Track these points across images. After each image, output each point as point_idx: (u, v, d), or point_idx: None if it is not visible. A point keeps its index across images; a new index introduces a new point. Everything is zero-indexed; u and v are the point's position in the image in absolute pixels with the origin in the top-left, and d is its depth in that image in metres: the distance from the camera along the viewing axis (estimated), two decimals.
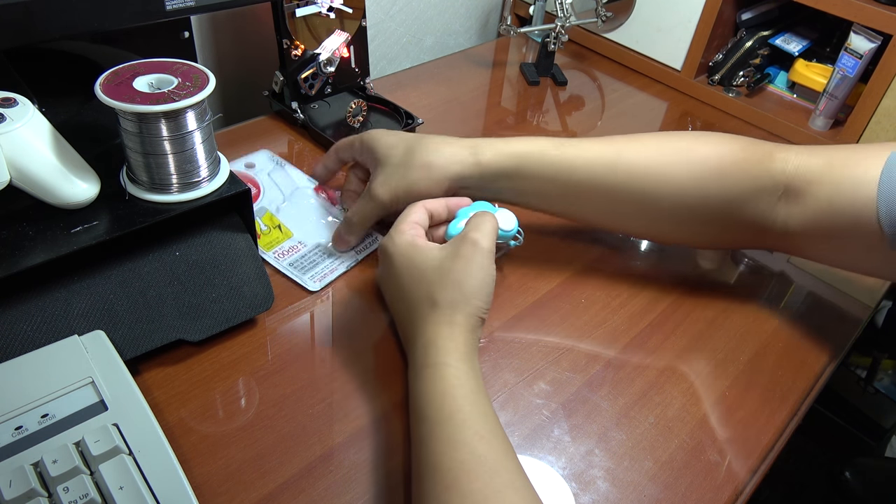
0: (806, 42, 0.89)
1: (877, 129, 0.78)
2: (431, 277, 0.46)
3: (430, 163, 0.54)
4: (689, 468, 0.45)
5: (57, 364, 0.41)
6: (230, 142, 0.72)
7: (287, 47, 0.69)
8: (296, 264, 0.57)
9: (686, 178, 0.53)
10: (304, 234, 0.60)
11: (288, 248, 0.58)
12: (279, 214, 0.61)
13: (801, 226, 0.52)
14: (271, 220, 0.60)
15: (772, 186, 0.52)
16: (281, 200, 0.63)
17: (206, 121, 0.47)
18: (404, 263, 0.48)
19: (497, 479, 0.36)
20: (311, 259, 0.57)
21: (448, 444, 0.38)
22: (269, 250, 0.57)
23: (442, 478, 0.37)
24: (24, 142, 0.42)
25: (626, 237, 0.65)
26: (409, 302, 0.47)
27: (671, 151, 0.54)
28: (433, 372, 0.42)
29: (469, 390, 0.41)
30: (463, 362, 0.43)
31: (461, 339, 0.44)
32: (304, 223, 0.61)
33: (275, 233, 0.59)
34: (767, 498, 1.08)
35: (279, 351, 0.50)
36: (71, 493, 0.35)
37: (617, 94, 0.93)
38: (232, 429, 0.44)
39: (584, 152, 0.54)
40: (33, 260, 0.42)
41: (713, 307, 0.58)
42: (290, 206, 0.62)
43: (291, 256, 0.57)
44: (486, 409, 0.41)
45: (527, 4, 0.99)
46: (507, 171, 0.55)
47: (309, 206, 0.63)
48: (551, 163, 0.54)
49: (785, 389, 0.52)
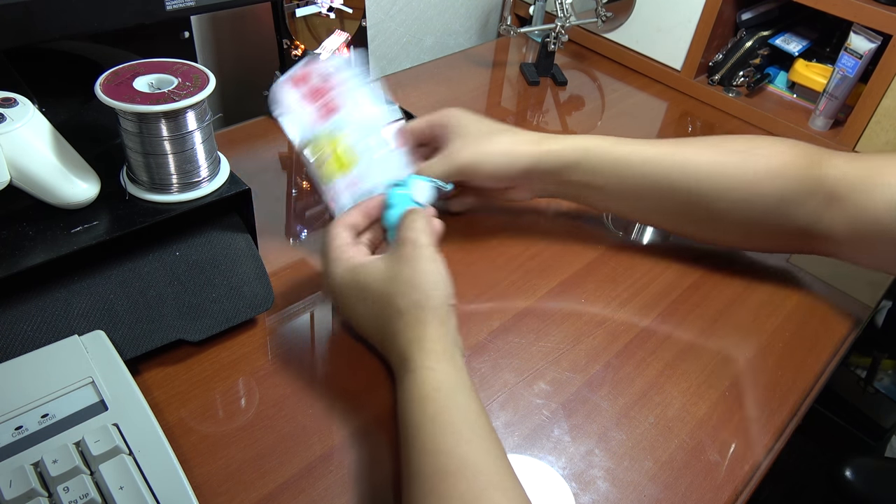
0: (806, 42, 0.89)
1: (877, 129, 0.78)
2: (386, 289, 0.46)
3: (509, 150, 0.56)
4: (689, 468, 0.45)
5: (57, 364, 0.41)
6: (230, 142, 0.72)
7: (287, 47, 0.69)
8: (353, 202, 0.54)
9: (741, 178, 0.54)
10: (366, 164, 0.57)
11: (351, 182, 0.55)
12: (348, 140, 0.57)
13: (844, 232, 0.53)
14: (340, 143, 0.56)
15: (819, 191, 0.53)
16: (355, 122, 0.58)
17: (206, 121, 0.47)
18: (353, 288, 0.47)
19: (480, 480, 0.36)
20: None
21: (428, 450, 0.38)
22: (334, 180, 0.54)
23: (423, 483, 0.37)
24: (24, 142, 0.42)
25: (627, 237, 0.65)
26: (375, 320, 0.47)
27: (728, 152, 0.55)
28: (411, 379, 0.42)
29: (448, 392, 0.41)
30: (441, 362, 0.42)
31: (434, 336, 0.44)
32: (370, 154, 0.57)
33: (341, 159, 0.55)
34: (767, 498, 1.08)
35: (279, 351, 0.50)
36: (71, 493, 0.35)
37: (617, 94, 0.93)
38: (232, 429, 0.44)
39: (643, 149, 0.56)
40: (33, 260, 0.42)
41: (713, 307, 0.58)
42: (361, 131, 0.58)
43: (352, 192, 0.55)
44: (467, 408, 0.40)
45: (527, 4, 0.99)
46: (569, 164, 0.56)
47: (380, 143, 0.59)
48: (613, 158, 0.56)
49: (785, 389, 0.52)
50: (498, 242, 0.63)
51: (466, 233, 0.63)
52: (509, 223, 0.65)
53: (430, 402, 0.40)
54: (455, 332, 0.46)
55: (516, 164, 0.56)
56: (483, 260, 0.61)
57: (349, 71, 0.59)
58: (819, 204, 0.53)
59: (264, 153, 0.71)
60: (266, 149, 0.72)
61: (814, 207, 0.53)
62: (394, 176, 0.57)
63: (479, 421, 0.40)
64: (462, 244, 0.62)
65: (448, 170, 0.56)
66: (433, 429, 0.39)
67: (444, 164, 0.57)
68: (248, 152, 0.71)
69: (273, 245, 0.59)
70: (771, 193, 0.54)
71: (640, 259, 0.63)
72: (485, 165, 0.56)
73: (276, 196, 0.66)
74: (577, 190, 0.59)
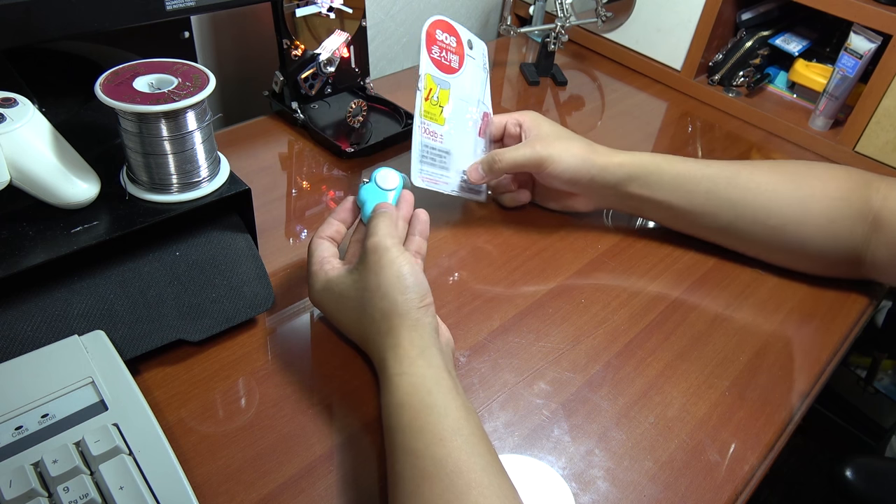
0: (806, 42, 0.89)
1: (877, 129, 0.78)
2: (359, 300, 0.46)
3: (584, 155, 0.59)
4: (689, 468, 0.45)
5: (57, 364, 0.41)
6: (230, 142, 0.72)
7: (287, 47, 0.69)
8: (425, 150, 0.58)
9: (795, 196, 0.57)
10: (451, 132, 0.60)
11: (433, 132, 0.59)
12: (451, 101, 0.60)
13: (885, 256, 0.56)
14: (442, 98, 0.60)
15: (868, 216, 0.56)
16: (459, 93, 0.62)
17: (206, 121, 0.47)
18: (332, 301, 0.49)
19: (459, 481, 0.36)
20: (435, 157, 0.59)
21: (407, 454, 0.38)
22: (423, 117, 0.58)
23: (404, 487, 0.37)
24: (24, 142, 0.42)
25: (626, 238, 0.65)
26: (357, 327, 0.48)
27: (784, 172, 0.59)
28: (387, 385, 0.42)
29: (423, 396, 0.41)
30: (415, 366, 0.42)
31: (406, 342, 0.43)
32: (459, 125, 0.61)
33: (436, 109, 0.59)
34: (767, 498, 1.08)
35: (279, 351, 0.50)
36: (71, 493, 0.35)
37: (617, 94, 0.93)
38: (232, 429, 0.44)
39: (703, 167, 0.59)
40: (33, 260, 0.42)
41: (713, 307, 0.58)
42: (461, 103, 0.62)
43: (429, 140, 0.58)
44: (445, 409, 0.40)
45: (527, 4, 0.99)
46: (631, 177, 0.59)
47: (472, 119, 0.63)
48: (675, 173, 0.59)
49: (785, 389, 0.52)
50: (498, 242, 0.63)
51: (467, 233, 0.64)
52: (510, 223, 0.65)
53: (406, 407, 0.40)
54: (432, 332, 0.45)
55: (588, 170, 0.59)
56: (483, 260, 0.61)
57: (480, 52, 0.64)
58: (867, 228, 0.56)
59: (264, 153, 0.71)
60: (266, 149, 0.72)
61: (862, 231, 0.56)
62: (469, 155, 0.62)
63: (460, 421, 0.40)
64: (462, 244, 0.62)
65: (530, 158, 0.59)
66: (410, 433, 0.39)
67: (528, 151, 0.59)
68: (248, 152, 0.71)
69: (273, 245, 0.60)
70: (821, 213, 0.56)
71: (640, 259, 0.63)
72: (561, 164, 0.58)
73: (276, 196, 0.66)
74: (638, 203, 0.61)
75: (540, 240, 0.64)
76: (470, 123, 0.62)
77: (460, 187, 0.62)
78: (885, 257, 0.56)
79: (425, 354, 0.43)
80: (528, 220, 0.66)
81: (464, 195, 0.63)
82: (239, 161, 0.69)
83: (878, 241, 0.56)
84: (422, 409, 0.40)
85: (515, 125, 0.64)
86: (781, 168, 0.60)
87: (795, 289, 0.61)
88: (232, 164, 0.52)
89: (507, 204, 0.66)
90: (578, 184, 0.60)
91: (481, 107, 0.64)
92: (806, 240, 0.58)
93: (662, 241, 0.65)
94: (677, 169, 0.59)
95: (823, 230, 0.57)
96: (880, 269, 0.57)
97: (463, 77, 0.62)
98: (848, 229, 0.56)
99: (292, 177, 0.69)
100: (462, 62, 0.62)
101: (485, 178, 0.61)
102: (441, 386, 0.41)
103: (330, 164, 0.71)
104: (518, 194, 0.66)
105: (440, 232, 0.63)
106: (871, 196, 0.56)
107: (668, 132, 0.86)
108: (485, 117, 0.64)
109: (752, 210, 0.58)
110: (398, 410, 0.41)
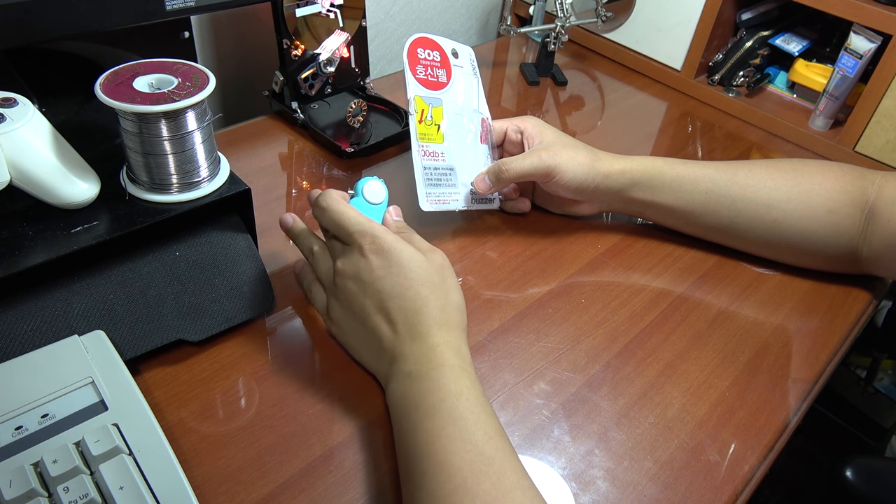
0: (806, 42, 0.89)
1: (877, 129, 0.78)
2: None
3: (589, 164, 0.58)
4: (689, 468, 0.45)
5: (57, 364, 0.41)
6: (230, 142, 0.72)
7: (287, 47, 0.69)
8: (428, 172, 0.57)
9: (794, 190, 0.58)
10: (452, 148, 0.60)
11: (433, 152, 0.58)
12: (445, 117, 0.60)
13: (881, 248, 0.57)
14: (436, 115, 0.59)
15: (864, 205, 0.57)
16: (453, 106, 0.61)
17: (206, 121, 0.47)
18: (331, 322, 0.50)
19: (505, 481, 0.37)
20: (440, 176, 0.58)
21: (458, 444, 0.38)
22: (420, 140, 0.57)
23: (450, 478, 0.37)
24: (24, 142, 0.42)
25: (626, 238, 0.65)
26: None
27: (781, 167, 0.60)
28: (440, 374, 0.42)
29: (479, 392, 0.42)
30: (467, 362, 0.44)
31: (451, 337, 0.45)
32: (458, 139, 0.60)
33: (433, 129, 0.58)
34: (767, 498, 1.08)
35: (279, 351, 0.50)
36: (71, 493, 0.35)
37: (617, 94, 0.93)
38: (232, 429, 0.44)
39: (702, 168, 0.60)
40: (33, 260, 0.42)
41: (713, 307, 0.58)
42: (456, 117, 0.61)
43: (431, 161, 0.57)
44: (490, 409, 0.41)
45: (527, 4, 0.99)
46: (634, 182, 0.60)
47: (471, 130, 0.62)
48: (674, 175, 0.59)
49: (785, 389, 0.52)
50: (498, 242, 0.63)
51: (467, 233, 0.64)
52: (509, 223, 0.65)
53: (465, 398, 0.41)
54: (458, 336, 0.46)
55: (594, 178, 0.59)
56: (483, 260, 0.61)
57: (467, 58, 0.63)
58: (864, 220, 0.57)
59: (264, 153, 0.71)
60: (266, 149, 0.72)
61: (860, 223, 0.57)
62: (473, 165, 0.61)
63: (499, 423, 0.41)
64: (462, 244, 0.62)
65: (536, 167, 0.58)
66: (463, 424, 0.39)
67: (535, 161, 0.58)
68: (248, 152, 0.71)
69: (273, 245, 0.59)
70: (820, 205, 0.57)
71: (640, 259, 0.63)
72: (568, 174, 0.58)
73: (276, 196, 0.66)
74: (641, 207, 0.62)
75: (539, 240, 0.64)
76: (470, 135, 0.62)
77: (470, 200, 0.61)
78: (882, 248, 0.56)
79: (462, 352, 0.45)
80: (528, 221, 0.66)
81: (475, 207, 0.62)
82: (239, 161, 0.69)
83: (873, 231, 0.56)
84: (477, 405, 0.41)
85: (516, 132, 0.63)
86: (779, 164, 0.60)
87: (795, 289, 0.61)
88: (232, 164, 0.52)
89: (509, 210, 0.66)
90: (584, 192, 0.60)
91: (478, 115, 0.64)
92: (806, 233, 0.58)
93: (662, 240, 0.65)
94: (677, 171, 0.60)
95: (823, 222, 0.57)
96: (877, 260, 0.58)
97: (453, 89, 0.61)
98: (847, 221, 0.57)
99: (292, 177, 0.69)
100: (450, 75, 0.61)
101: (492, 189, 0.60)
102: (478, 384, 0.43)
103: (330, 164, 0.71)
104: (519, 203, 0.66)
105: (439, 232, 0.63)
106: (866, 187, 0.57)
107: (668, 132, 0.86)
108: (483, 123, 0.64)
109: (753, 205, 0.58)
110: (455, 399, 0.41)
